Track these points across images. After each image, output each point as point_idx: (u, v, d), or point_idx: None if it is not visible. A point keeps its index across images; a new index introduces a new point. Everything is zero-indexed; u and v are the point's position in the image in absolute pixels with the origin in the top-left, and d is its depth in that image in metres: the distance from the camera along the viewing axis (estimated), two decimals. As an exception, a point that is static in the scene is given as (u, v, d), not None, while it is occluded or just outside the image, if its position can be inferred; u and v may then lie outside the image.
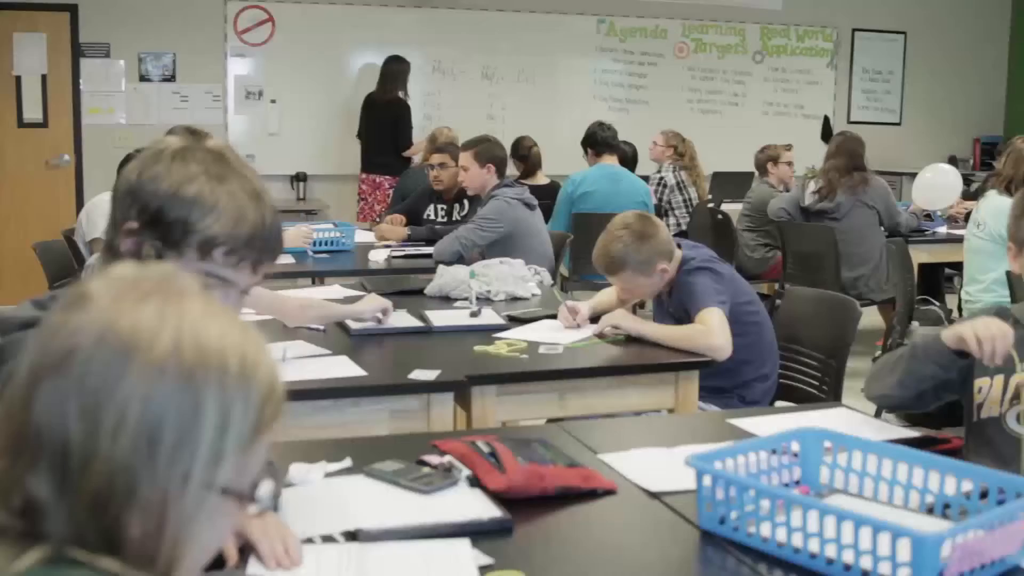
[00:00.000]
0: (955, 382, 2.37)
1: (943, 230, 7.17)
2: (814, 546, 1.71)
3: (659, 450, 2.34)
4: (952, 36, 11.34)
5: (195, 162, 1.69)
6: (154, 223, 1.67)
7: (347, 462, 2.18)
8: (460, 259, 5.00)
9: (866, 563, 1.64)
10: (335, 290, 4.35)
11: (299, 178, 9.16)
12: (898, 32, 11.23)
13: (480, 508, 1.94)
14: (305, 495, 2.01)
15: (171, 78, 8.96)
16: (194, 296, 1.01)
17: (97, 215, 5.27)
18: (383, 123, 8.64)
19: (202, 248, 1.67)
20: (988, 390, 2.36)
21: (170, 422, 0.94)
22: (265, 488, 1.03)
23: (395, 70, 8.79)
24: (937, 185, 7.22)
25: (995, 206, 5.02)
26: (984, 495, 1.85)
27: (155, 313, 0.97)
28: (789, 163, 7.60)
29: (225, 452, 0.97)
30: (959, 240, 5.81)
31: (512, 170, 7.35)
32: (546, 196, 6.84)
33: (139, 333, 0.95)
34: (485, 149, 5.32)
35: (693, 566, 1.81)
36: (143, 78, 8.90)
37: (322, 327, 3.50)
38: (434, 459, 2.17)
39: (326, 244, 5.46)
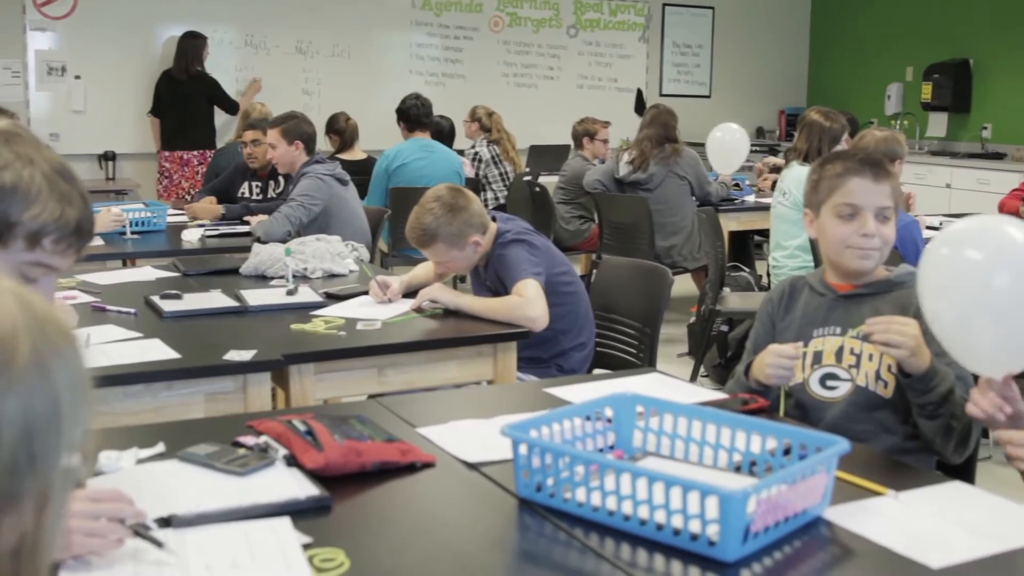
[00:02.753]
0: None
1: (751, 199, 7.43)
2: (627, 508, 1.75)
3: (477, 421, 2.36)
4: (757, 11, 11.73)
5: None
6: None
7: (160, 447, 2.13)
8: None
9: (677, 522, 1.69)
10: (147, 272, 4.23)
11: (107, 157, 8.84)
12: (706, 7, 11.53)
13: (297, 487, 1.92)
14: (116, 483, 1.95)
15: (-35, 53, 8.53)
16: None
17: None
18: (196, 97, 8.63)
19: (31, 239, 1.59)
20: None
21: None
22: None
23: (194, 45, 8.72)
24: (727, 143, 7.47)
25: (797, 176, 5.22)
26: (787, 451, 1.93)
27: None
28: (605, 140, 7.71)
29: (34, 455, 0.90)
30: (766, 208, 6.02)
31: (327, 145, 7.29)
32: (363, 171, 6.81)
33: None
34: (292, 126, 5.24)
35: (511, 534, 1.82)
36: (-66, 53, 8.46)
37: (133, 310, 3.41)
38: (250, 440, 2.14)
39: (138, 225, 5.29)
